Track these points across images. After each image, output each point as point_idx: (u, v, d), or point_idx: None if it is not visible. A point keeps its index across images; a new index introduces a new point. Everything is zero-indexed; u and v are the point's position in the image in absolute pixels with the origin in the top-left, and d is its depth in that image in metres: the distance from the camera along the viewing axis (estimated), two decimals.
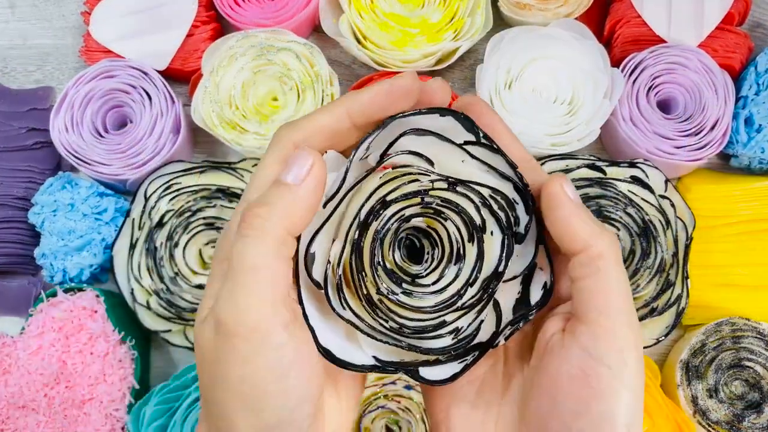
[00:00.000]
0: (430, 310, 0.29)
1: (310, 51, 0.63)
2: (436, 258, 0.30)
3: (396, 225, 0.29)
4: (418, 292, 0.29)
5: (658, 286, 0.60)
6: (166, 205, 0.61)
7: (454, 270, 0.30)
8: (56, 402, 0.57)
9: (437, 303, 0.29)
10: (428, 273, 0.30)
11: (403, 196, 0.28)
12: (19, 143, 0.66)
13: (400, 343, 0.29)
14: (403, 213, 0.29)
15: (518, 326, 0.29)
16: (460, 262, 0.29)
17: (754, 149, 0.63)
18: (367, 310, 0.29)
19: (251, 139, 0.61)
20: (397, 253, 0.30)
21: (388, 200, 0.28)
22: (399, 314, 0.29)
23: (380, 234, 0.29)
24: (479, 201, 0.29)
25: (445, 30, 0.64)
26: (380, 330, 0.29)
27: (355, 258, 0.29)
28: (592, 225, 0.28)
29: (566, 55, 0.63)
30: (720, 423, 0.58)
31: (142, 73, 0.64)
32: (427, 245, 0.31)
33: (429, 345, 0.29)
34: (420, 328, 0.29)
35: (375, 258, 0.29)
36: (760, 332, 0.59)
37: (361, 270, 0.29)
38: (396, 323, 0.29)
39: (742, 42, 0.65)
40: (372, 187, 0.29)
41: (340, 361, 0.29)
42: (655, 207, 0.60)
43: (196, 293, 0.60)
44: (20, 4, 0.73)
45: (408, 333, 0.29)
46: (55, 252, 0.61)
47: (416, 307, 0.29)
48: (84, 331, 0.59)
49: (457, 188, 0.29)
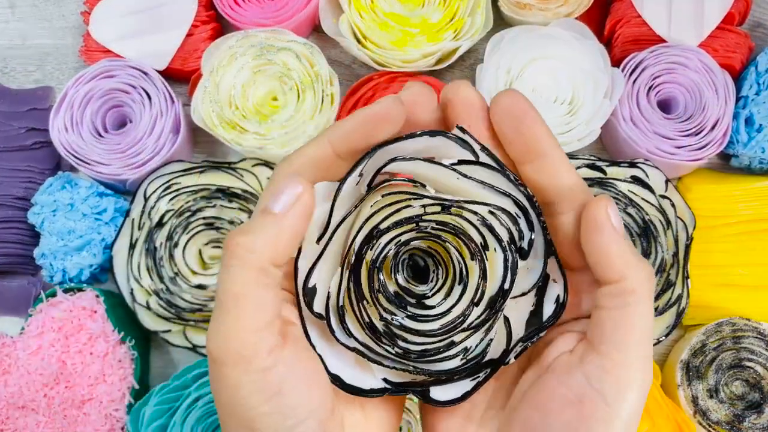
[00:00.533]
0: (437, 333, 0.29)
1: (310, 51, 0.63)
2: (441, 277, 0.30)
3: (394, 251, 0.29)
4: (422, 315, 0.29)
5: (658, 286, 0.59)
6: (165, 205, 0.61)
7: (459, 290, 0.29)
8: (56, 402, 0.57)
9: (443, 325, 0.29)
10: (434, 293, 0.30)
11: (396, 224, 0.28)
12: (18, 143, 0.66)
13: (408, 367, 0.29)
14: (399, 239, 0.28)
15: (529, 343, 0.29)
16: (464, 281, 0.29)
17: (754, 149, 0.63)
18: (371, 337, 0.29)
19: (251, 139, 0.61)
20: (401, 275, 0.30)
21: (381, 228, 0.28)
22: (404, 339, 0.29)
23: (377, 263, 0.28)
24: (477, 220, 0.28)
25: (445, 30, 0.64)
26: (386, 356, 0.29)
27: (354, 287, 0.28)
28: (630, 256, 0.27)
29: (566, 54, 0.63)
30: (720, 423, 0.58)
31: (142, 72, 0.64)
32: (431, 264, 0.30)
33: (438, 367, 0.29)
34: (426, 351, 0.29)
35: (374, 286, 0.28)
36: (761, 332, 0.59)
37: (362, 299, 0.28)
38: (400, 348, 0.29)
39: (743, 42, 0.65)
40: (365, 215, 0.28)
41: (350, 387, 0.29)
42: (655, 207, 0.60)
43: (196, 293, 0.60)
44: (20, 4, 0.73)
45: (414, 357, 0.29)
46: (55, 252, 0.61)
47: (421, 331, 0.29)
48: (84, 331, 0.59)
49: (451, 210, 0.28)
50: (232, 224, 0.61)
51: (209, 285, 0.60)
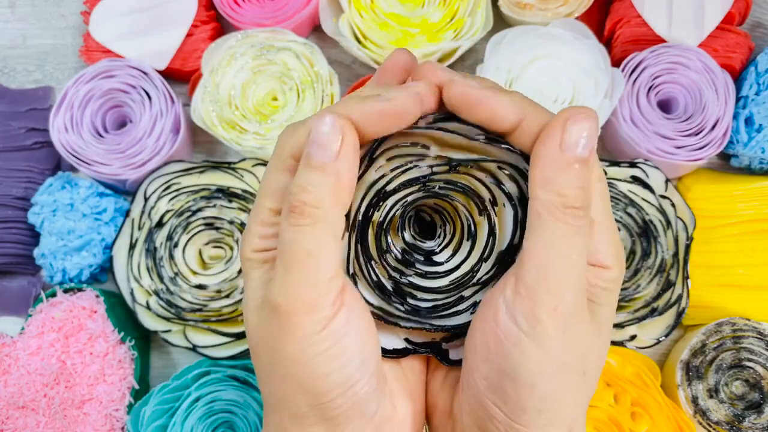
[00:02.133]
0: (446, 289, 0.29)
1: (310, 51, 0.63)
2: (449, 233, 0.30)
3: (400, 211, 0.29)
4: (431, 273, 0.29)
5: (658, 287, 0.59)
6: (165, 205, 0.61)
7: (468, 246, 0.29)
8: (56, 402, 0.57)
9: (452, 281, 0.29)
10: (442, 249, 0.30)
11: (403, 185, 0.28)
12: (18, 143, 0.66)
13: (424, 324, 0.29)
14: (406, 200, 0.28)
15: None
16: (473, 238, 0.29)
17: (754, 149, 0.63)
18: (381, 297, 0.29)
19: (251, 139, 0.61)
20: (407, 232, 0.30)
21: (387, 191, 0.28)
22: (414, 296, 0.29)
23: (384, 225, 0.28)
24: (485, 176, 0.28)
25: (445, 30, 0.64)
26: (399, 315, 0.29)
27: (362, 249, 0.29)
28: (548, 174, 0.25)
29: (567, 54, 0.63)
30: (720, 423, 0.58)
31: (142, 72, 0.64)
32: (438, 220, 0.30)
33: (449, 323, 0.29)
34: (436, 307, 0.29)
35: (381, 247, 0.29)
36: (761, 332, 0.59)
37: (370, 260, 0.29)
38: (410, 306, 0.29)
39: (743, 42, 0.65)
40: (370, 180, 0.28)
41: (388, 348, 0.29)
42: (655, 207, 0.60)
43: (196, 293, 0.60)
44: (20, 4, 0.73)
45: (425, 313, 0.29)
46: (55, 252, 0.61)
47: (431, 288, 0.29)
48: (84, 331, 0.59)
49: (458, 169, 0.28)
50: (232, 224, 0.61)
51: (209, 285, 0.60)
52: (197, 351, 0.60)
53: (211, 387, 0.57)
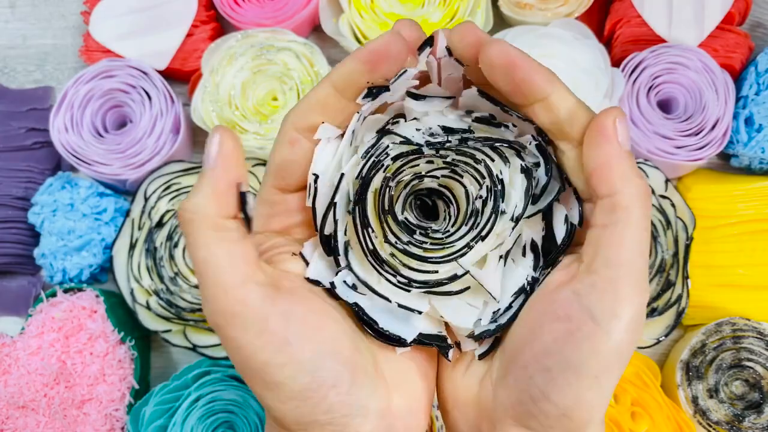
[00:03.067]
0: (440, 261, 0.28)
1: (310, 51, 0.63)
2: (453, 215, 0.29)
3: (409, 178, 0.28)
4: (429, 242, 0.29)
5: (658, 287, 0.59)
6: (165, 205, 0.61)
7: (470, 222, 0.29)
8: (56, 402, 0.57)
9: (447, 254, 0.28)
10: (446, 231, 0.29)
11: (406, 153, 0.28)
12: (18, 143, 0.66)
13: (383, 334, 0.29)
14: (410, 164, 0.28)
15: (541, 275, 0.29)
16: (476, 216, 0.28)
17: (754, 149, 0.63)
18: (375, 266, 0.28)
19: (251, 139, 0.61)
20: (410, 215, 0.29)
21: (390, 154, 0.28)
22: (408, 266, 0.28)
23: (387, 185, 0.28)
24: (494, 152, 0.28)
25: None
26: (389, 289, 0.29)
27: (360, 214, 0.28)
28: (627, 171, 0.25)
29: (566, 54, 0.63)
30: (720, 423, 0.58)
31: (142, 72, 0.64)
32: (441, 204, 0.30)
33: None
34: (428, 282, 0.28)
35: (384, 206, 0.28)
36: (761, 332, 0.59)
37: (367, 226, 0.28)
38: (404, 277, 0.28)
39: (743, 42, 0.65)
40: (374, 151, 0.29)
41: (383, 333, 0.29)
42: (655, 207, 0.60)
43: (196, 293, 0.60)
44: (20, 4, 0.73)
45: (417, 286, 0.28)
46: (55, 252, 0.61)
47: (425, 258, 0.28)
48: (84, 331, 0.59)
49: (468, 143, 0.28)
50: None
51: None
52: (197, 351, 0.60)
53: (211, 387, 0.57)
